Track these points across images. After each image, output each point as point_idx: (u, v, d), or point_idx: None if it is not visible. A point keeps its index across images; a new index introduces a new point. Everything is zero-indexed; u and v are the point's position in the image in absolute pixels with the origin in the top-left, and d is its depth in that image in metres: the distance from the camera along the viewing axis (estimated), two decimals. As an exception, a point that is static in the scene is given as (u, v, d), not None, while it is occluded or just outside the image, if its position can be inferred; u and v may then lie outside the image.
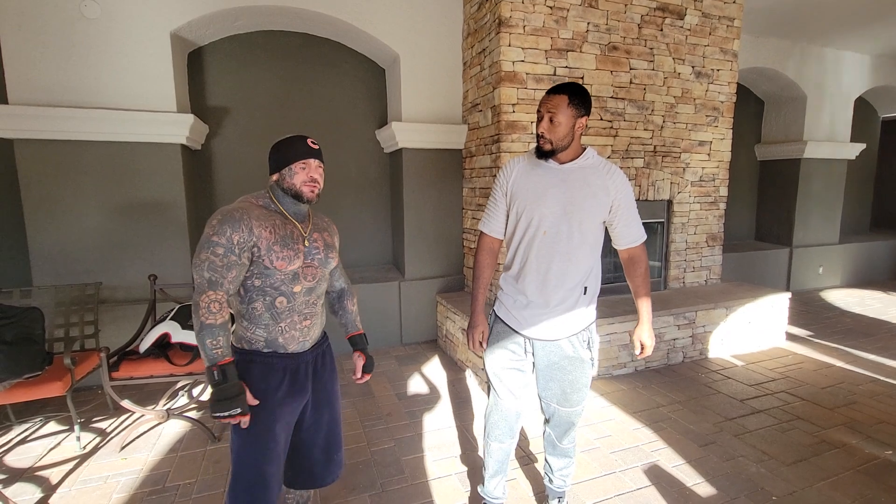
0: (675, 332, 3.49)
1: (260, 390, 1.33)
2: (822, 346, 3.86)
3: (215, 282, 1.25)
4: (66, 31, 2.93)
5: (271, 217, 1.34)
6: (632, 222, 1.65)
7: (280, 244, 1.32)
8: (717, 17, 3.80)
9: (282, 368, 1.37)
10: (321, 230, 1.50)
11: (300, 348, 1.41)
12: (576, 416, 1.76)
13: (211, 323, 1.23)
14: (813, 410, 2.77)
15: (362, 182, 4.22)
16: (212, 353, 1.23)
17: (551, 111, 1.52)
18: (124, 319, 3.10)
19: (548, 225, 1.60)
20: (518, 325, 1.70)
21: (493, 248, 1.81)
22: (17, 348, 1.70)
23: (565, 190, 1.59)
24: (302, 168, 1.36)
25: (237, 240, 1.25)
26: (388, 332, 3.95)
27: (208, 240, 1.25)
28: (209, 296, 1.24)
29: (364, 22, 3.55)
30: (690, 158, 3.91)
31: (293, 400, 1.39)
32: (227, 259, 1.25)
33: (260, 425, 1.32)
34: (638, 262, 1.70)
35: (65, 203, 3.04)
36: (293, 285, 1.37)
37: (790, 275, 5.72)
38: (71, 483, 2.15)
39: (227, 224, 1.25)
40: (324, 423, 1.51)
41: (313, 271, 1.42)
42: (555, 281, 1.63)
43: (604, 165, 1.63)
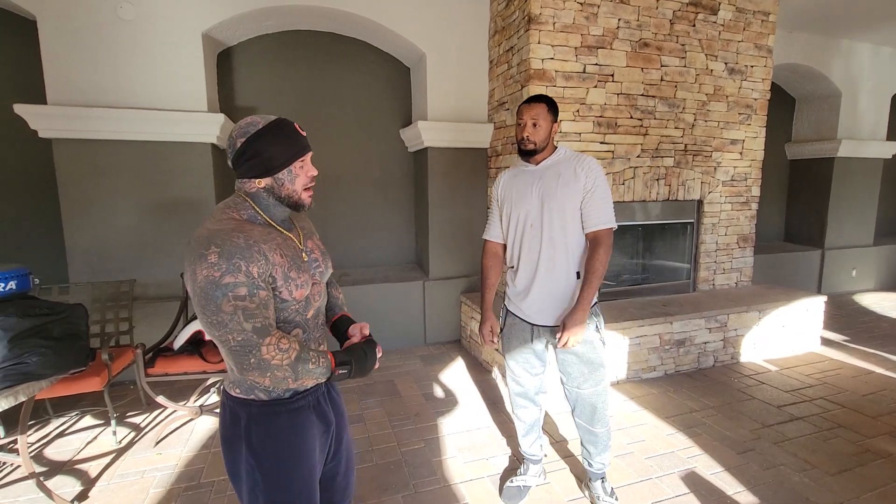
0: (706, 336, 3.41)
1: (293, 444, 1.09)
2: (860, 352, 3.73)
3: (263, 328, 0.96)
4: (102, 33, 2.99)
5: (270, 235, 1.04)
6: (600, 206, 1.75)
7: (295, 269, 1.05)
8: (752, 12, 3.70)
9: (307, 407, 1.14)
10: (310, 235, 1.23)
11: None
12: (597, 396, 1.87)
13: (296, 355, 0.99)
14: (855, 418, 2.68)
15: (386, 181, 4.22)
16: (321, 370, 1.03)
17: (534, 118, 1.75)
18: (156, 316, 3.15)
19: (532, 218, 1.81)
20: (524, 315, 1.89)
21: (496, 252, 2.02)
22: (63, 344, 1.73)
23: (541, 185, 1.79)
24: (301, 167, 1.07)
25: (257, 272, 0.96)
26: (411, 331, 3.94)
27: (218, 285, 0.92)
28: (269, 342, 0.96)
29: (391, 20, 3.55)
30: (722, 157, 3.82)
31: (323, 436, 1.20)
32: (258, 297, 0.96)
33: (292, 481, 1.09)
34: (598, 245, 1.74)
35: (100, 202, 3.10)
36: (306, 312, 1.12)
37: (822, 277, 5.55)
38: (109, 477, 2.19)
39: (238, 256, 0.94)
40: (343, 449, 1.31)
41: (319, 289, 1.17)
42: (544, 267, 1.80)
43: (574, 156, 1.81)
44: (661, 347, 3.25)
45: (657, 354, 3.25)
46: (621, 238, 3.86)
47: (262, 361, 0.95)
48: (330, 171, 4.02)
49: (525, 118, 1.76)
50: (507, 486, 2.05)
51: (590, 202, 1.75)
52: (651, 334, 3.20)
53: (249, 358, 0.95)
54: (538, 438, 2.07)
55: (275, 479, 1.09)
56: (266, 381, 0.99)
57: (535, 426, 2.04)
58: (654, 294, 3.79)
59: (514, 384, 2.01)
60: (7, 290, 1.68)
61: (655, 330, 3.20)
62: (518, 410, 2.03)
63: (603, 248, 1.73)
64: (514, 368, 1.98)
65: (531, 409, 2.02)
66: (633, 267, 4.10)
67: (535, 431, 2.05)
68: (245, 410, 1.08)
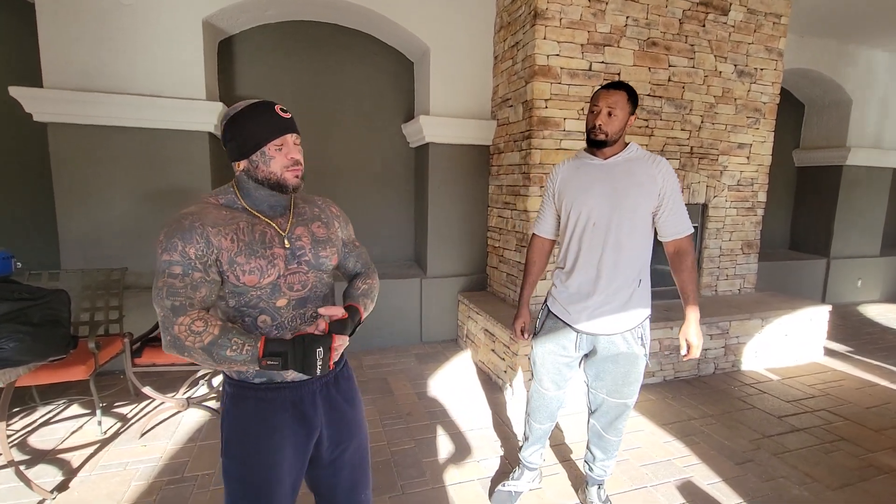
0: (707, 342, 3.34)
1: (254, 432, 1.08)
2: (864, 364, 3.65)
3: (181, 307, 0.95)
4: (101, 18, 2.94)
5: (234, 219, 1.05)
6: (678, 212, 1.64)
7: (245, 253, 1.03)
8: (764, 14, 3.62)
9: (279, 403, 1.10)
10: (308, 221, 1.17)
11: (302, 376, 1.12)
12: (624, 407, 1.78)
13: (210, 339, 0.94)
14: (858, 431, 2.61)
15: (387, 176, 4.16)
16: (244, 356, 0.95)
17: (611, 105, 1.58)
18: (148, 306, 3.10)
19: (596, 216, 1.65)
20: (571, 320, 1.74)
21: (544, 248, 1.91)
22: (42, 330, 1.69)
23: (610, 182, 1.63)
24: (278, 149, 1.05)
25: (194, 253, 0.98)
26: (407, 329, 3.89)
27: (160, 260, 0.98)
28: (182, 322, 0.94)
29: (395, 13, 3.49)
30: (728, 161, 3.75)
31: (298, 438, 1.12)
32: (190, 278, 0.97)
33: (257, 475, 1.08)
34: (684, 255, 1.66)
35: (94, 188, 3.05)
36: (274, 300, 1.08)
37: (826, 287, 5.47)
38: (91, 468, 2.14)
39: (177, 236, 0.97)
40: (346, 461, 1.22)
41: (301, 278, 1.11)
42: (607, 272, 1.66)
43: (649, 156, 1.66)
44: (660, 353, 3.19)
45: (656, 360, 3.19)
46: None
47: (175, 339, 0.95)
48: (330, 165, 3.97)
49: (601, 105, 1.60)
50: (497, 489, 1.99)
51: (670, 209, 1.62)
52: (651, 339, 3.14)
53: (166, 334, 0.96)
54: (541, 448, 2.00)
55: (236, 466, 1.09)
56: (191, 359, 0.98)
57: (542, 438, 1.98)
58: (654, 298, 3.69)
59: (536, 396, 1.91)
60: (-13, 273, 1.63)
61: (655, 335, 3.13)
62: (534, 423, 1.94)
63: (690, 258, 1.65)
64: (542, 378, 1.86)
65: (545, 425, 1.94)
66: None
67: (541, 443, 1.98)
68: (226, 386, 1.12)
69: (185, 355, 0.96)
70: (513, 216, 3.51)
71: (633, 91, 1.63)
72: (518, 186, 3.40)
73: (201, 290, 0.99)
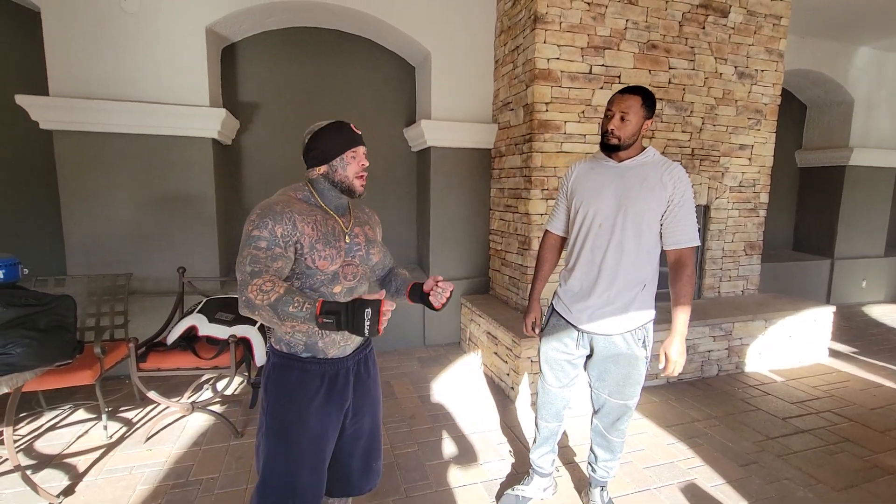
0: (711, 344, 3.33)
1: (295, 398, 1.24)
2: (869, 365, 3.64)
3: (258, 272, 1.09)
4: (105, 26, 2.98)
5: (312, 212, 1.24)
6: (684, 222, 1.63)
7: (323, 241, 1.22)
8: (763, 16, 3.63)
9: (320, 375, 1.27)
10: (362, 224, 1.39)
11: (340, 353, 1.30)
12: (626, 408, 1.78)
13: (276, 297, 1.04)
14: (863, 433, 2.59)
15: (389, 180, 4.18)
16: (304, 313, 1.03)
17: (624, 110, 1.60)
18: (153, 310, 3.13)
19: (602, 217, 1.67)
20: (573, 319, 1.76)
21: (555, 245, 1.94)
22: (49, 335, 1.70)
23: (622, 184, 1.65)
24: (353, 157, 1.26)
25: (280, 232, 1.15)
26: (410, 333, 3.90)
27: (248, 235, 1.14)
28: (255, 283, 1.06)
29: (396, 18, 3.52)
30: (730, 162, 3.75)
31: (331, 408, 1.29)
32: (272, 251, 1.13)
33: (292, 434, 1.24)
34: (683, 266, 1.65)
35: (99, 194, 3.09)
36: (332, 286, 1.26)
37: (831, 288, 5.45)
38: (97, 472, 2.16)
39: (269, 217, 1.15)
40: (364, 431, 1.41)
41: (354, 270, 1.31)
42: (607, 273, 1.67)
43: (663, 162, 1.66)
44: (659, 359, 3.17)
45: (654, 364, 3.18)
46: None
47: (248, 300, 1.06)
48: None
49: (614, 109, 1.62)
50: (506, 493, 1.99)
51: (676, 216, 1.61)
52: (654, 341, 3.13)
53: (241, 295, 1.08)
54: (551, 452, 1.98)
55: (277, 425, 1.24)
56: (259, 318, 1.08)
57: (550, 439, 1.97)
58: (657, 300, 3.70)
59: (542, 392, 1.93)
60: (-6, 280, 1.66)
61: (659, 337, 3.13)
62: (540, 421, 1.95)
63: (689, 270, 1.63)
64: (546, 374, 1.89)
65: (552, 424, 1.94)
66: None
67: (550, 444, 1.97)
68: (273, 356, 1.28)
69: (256, 314, 1.07)
70: (514, 219, 3.52)
71: (650, 95, 1.63)
72: (520, 189, 3.41)
73: (278, 262, 1.14)
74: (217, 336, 2.41)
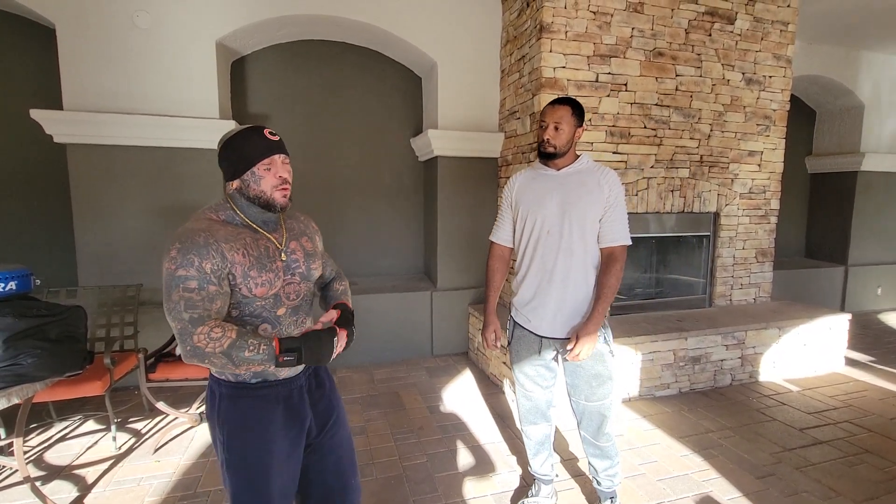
0: (723, 353, 3.28)
1: (250, 427, 1.16)
2: (887, 374, 3.55)
3: (199, 318, 1.01)
4: (118, 41, 3.04)
5: (240, 234, 1.12)
6: (619, 222, 1.72)
7: (257, 267, 1.11)
8: (770, 22, 3.62)
9: (274, 398, 1.18)
10: (298, 236, 1.27)
11: (292, 373, 1.22)
12: (605, 408, 1.80)
13: (229, 342, 1.00)
14: (883, 444, 2.52)
15: (396, 190, 4.20)
16: (261, 356, 1.02)
17: (558, 121, 1.68)
18: (162, 321, 3.14)
19: (550, 224, 1.73)
20: (533, 327, 1.81)
21: (503, 255, 1.95)
22: (60, 346, 1.71)
23: (563, 192, 1.73)
24: (267, 169, 1.12)
25: (209, 268, 1.04)
26: (418, 342, 3.88)
27: (172, 276, 1.02)
28: (201, 331, 1.00)
29: (403, 30, 3.56)
30: (739, 169, 3.72)
31: (290, 430, 1.21)
32: (206, 291, 1.03)
33: (254, 467, 1.15)
34: (615, 260, 1.72)
35: (111, 206, 3.12)
36: (275, 309, 1.18)
37: (845, 295, 5.35)
38: (106, 483, 2.15)
39: (193, 252, 1.03)
40: (333, 446, 1.32)
41: (296, 288, 1.22)
42: (560, 277, 1.73)
43: (598, 167, 1.77)
44: (675, 364, 3.13)
45: (671, 371, 3.13)
46: (634, 250, 3.76)
47: (195, 349, 1.00)
48: (340, 179, 4.02)
49: (548, 120, 1.70)
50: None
51: (610, 217, 1.70)
52: (665, 350, 3.09)
53: (185, 345, 1.01)
54: (549, 457, 1.98)
55: (236, 458, 1.16)
56: (211, 367, 1.04)
57: (545, 443, 1.96)
58: (668, 309, 3.67)
59: (524, 399, 1.92)
60: (7, 291, 1.67)
61: (669, 346, 3.09)
62: (528, 427, 1.95)
63: (619, 265, 1.71)
64: (524, 382, 1.89)
65: (542, 426, 1.93)
66: (647, 280, 3.99)
67: (546, 450, 1.97)
68: (218, 389, 1.18)
69: (206, 362, 1.02)
70: (522, 227, 3.51)
71: (578, 105, 1.73)
72: (527, 198, 3.39)
73: (216, 302, 1.06)
74: (225, 346, 2.41)
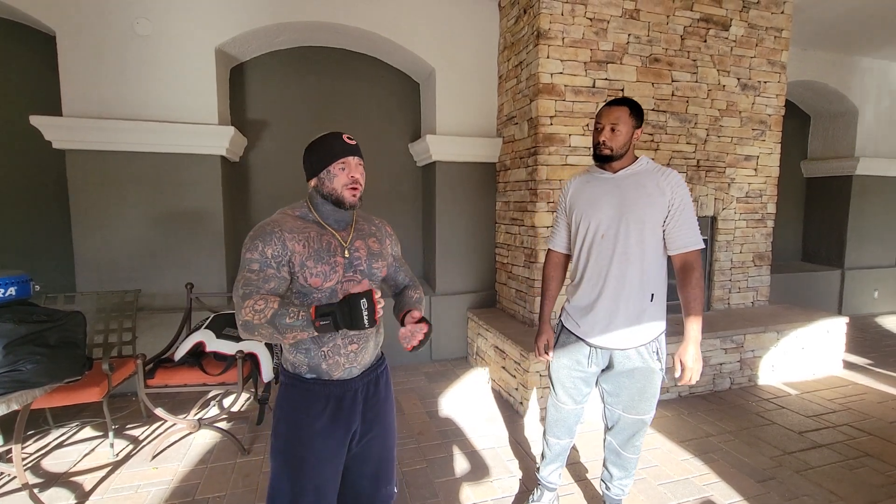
0: (722, 357, 3.28)
1: (297, 419, 1.23)
2: (885, 377, 3.56)
3: (249, 293, 1.11)
4: (118, 48, 3.05)
5: (306, 228, 1.23)
6: (686, 225, 1.63)
7: (314, 258, 1.20)
8: (765, 28, 3.66)
9: (325, 396, 1.24)
10: (366, 236, 1.35)
11: (346, 375, 1.27)
12: (642, 423, 1.75)
13: (272, 312, 1.07)
14: (883, 447, 2.53)
15: (395, 195, 4.21)
16: (300, 322, 1.06)
17: (613, 122, 1.62)
18: (161, 327, 3.14)
19: (605, 228, 1.66)
20: (583, 333, 1.73)
21: (559, 262, 1.91)
22: (59, 352, 1.71)
23: (619, 194, 1.65)
24: (341, 169, 1.23)
25: (271, 253, 1.16)
26: (417, 347, 3.87)
27: (243, 259, 1.17)
28: (248, 304, 1.09)
29: (401, 37, 3.58)
30: (736, 173, 3.74)
31: (336, 430, 1.26)
32: (264, 273, 1.15)
33: (294, 456, 1.22)
34: (690, 270, 1.64)
35: (109, 212, 3.12)
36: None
37: (842, 298, 5.37)
38: (103, 491, 2.14)
39: (259, 239, 1.17)
40: (374, 454, 1.36)
41: (353, 285, 1.27)
42: (614, 283, 1.65)
43: (658, 169, 1.67)
44: (674, 368, 3.13)
45: (671, 375, 3.13)
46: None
47: (245, 322, 1.09)
48: (338, 185, 4.02)
49: (603, 122, 1.64)
50: None
51: (677, 221, 1.61)
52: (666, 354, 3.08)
53: (239, 319, 1.10)
54: (560, 467, 1.96)
55: (281, 443, 1.23)
56: (260, 338, 1.11)
57: (561, 455, 1.94)
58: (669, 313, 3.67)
59: (553, 410, 1.89)
60: (6, 296, 1.67)
61: (670, 350, 3.09)
62: (551, 438, 1.91)
63: (697, 272, 1.62)
64: (558, 392, 1.84)
65: (565, 441, 1.90)
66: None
67: (560, 461, 1.95)
68: (282, 376, 1.29)
69: (256, 335, 1.10)
70: (521, 232, 3.52)
71: (637, 105, 1.65)
72: (525, 202, 3.41)
73: (271, 283, 1.15)
74: (224, 352, 2.40)
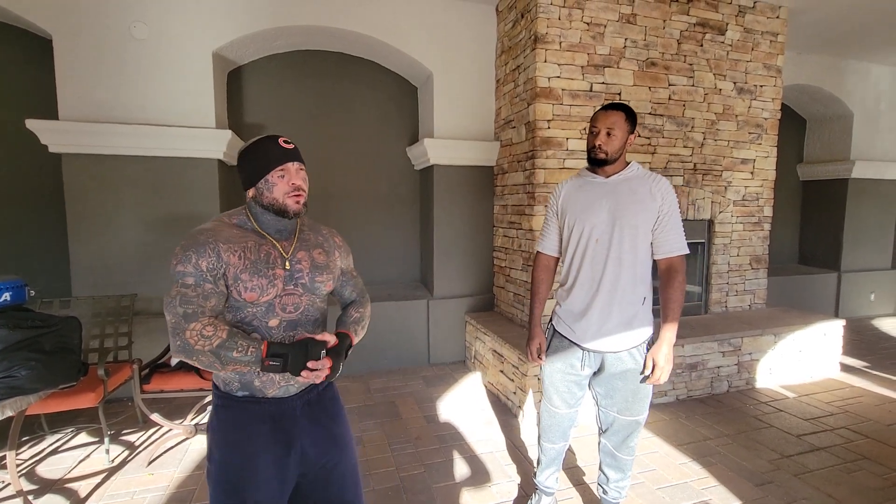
0: (720, 360, 3.28)
1: (232, 440, 1.14)
2: (882, 379, 3.57)
3: (192, 314, 1.02)
4: (115, 51, 3.05)
5: (244, 238, 1.13)
6: (673, 231, 1.66)
7: (249, 271, 1.10)
8: (760, 33, 3.69)
9: (259, 416, 1.15)
10: (311, 247, 1.24)
11: (282, 393, 1.17)
12: (636, 424, 1.77)
13: (219, 342, 1.01)
14: (880, 450, 2.53)
15: (392, 199, 4.21)
16: (248, 357, 1.03)
17: (610, 126, 1.64)
18: (158, 332, 3.12)
19: (599, 233, 1.68)
20: (576, 338, 1.74)
21: (549, 265, 1.91)
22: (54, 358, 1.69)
23: (613, 199, 1.67)
24: (280, 176, 1.13)
25: (206, 266, 1.06)
26: (415, 351, 3.86)
27: (174, 271, 1.06)
28: (193, 328, 1.01)
29: (399, 41, 3.59)
30: (732, 177, 3.76)
31: (276, 449, 1.16)
32: (202, 288, 1.05)
33: (232, 480, 1.13)
34: (675, 273, 1.67)
35: (106, 216, 3.11)
36: (267, 319, 1.14)
37: (839, 301, 5.39)
38: (98, 497, 2.12)
39: (192, 250, 1.06)
40: (335, 478, 1.25)
41: (295, 300, 1.17)
42: (608, 288, 1.67)
43: (649, 175, 1.70)
44: (672, 371, 3.13)
45: (669, 379, 3.13)
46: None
47: (185, 344, 1.01)
48: (337, 188, 4.03)
49: (599, 126, 1.65)
50: None
51: (666, 226, 1.64)
52: (662, 357, 3.09)
53: (176, 340, 1.02)
54: (557, 471, 1.97)
55: (216, 468, 1.14)
56: (197, 364, 1.03)
57: (557, 459, 1.94)
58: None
59: (547, 416, 1.89)
60: (1, 302, 1.66)
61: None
62: (545, 443, 1.92)
63: (680, 276, 1.66)
64: (551, 397, 1.85)
65: (559, 445, 1.91)
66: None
67: (556, 465, 1.96)
68: (214, 396, 1.19)
69: (193, 359, 1.02)
70: (518, 235, 3.52)
71: (631, 111, 1.68)
72: (523, 206, 3.42)
73: (211, 300, 1.07)
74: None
